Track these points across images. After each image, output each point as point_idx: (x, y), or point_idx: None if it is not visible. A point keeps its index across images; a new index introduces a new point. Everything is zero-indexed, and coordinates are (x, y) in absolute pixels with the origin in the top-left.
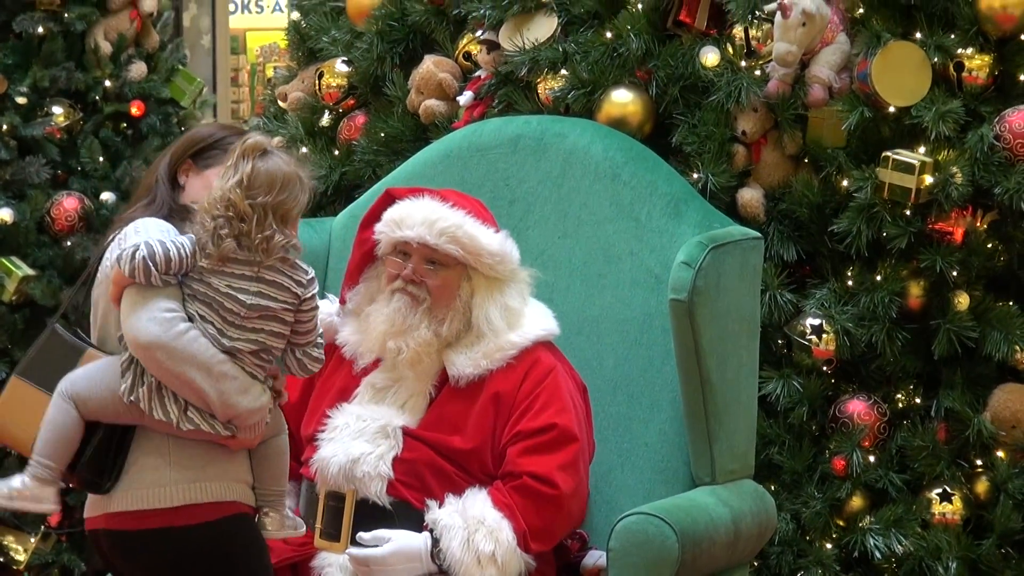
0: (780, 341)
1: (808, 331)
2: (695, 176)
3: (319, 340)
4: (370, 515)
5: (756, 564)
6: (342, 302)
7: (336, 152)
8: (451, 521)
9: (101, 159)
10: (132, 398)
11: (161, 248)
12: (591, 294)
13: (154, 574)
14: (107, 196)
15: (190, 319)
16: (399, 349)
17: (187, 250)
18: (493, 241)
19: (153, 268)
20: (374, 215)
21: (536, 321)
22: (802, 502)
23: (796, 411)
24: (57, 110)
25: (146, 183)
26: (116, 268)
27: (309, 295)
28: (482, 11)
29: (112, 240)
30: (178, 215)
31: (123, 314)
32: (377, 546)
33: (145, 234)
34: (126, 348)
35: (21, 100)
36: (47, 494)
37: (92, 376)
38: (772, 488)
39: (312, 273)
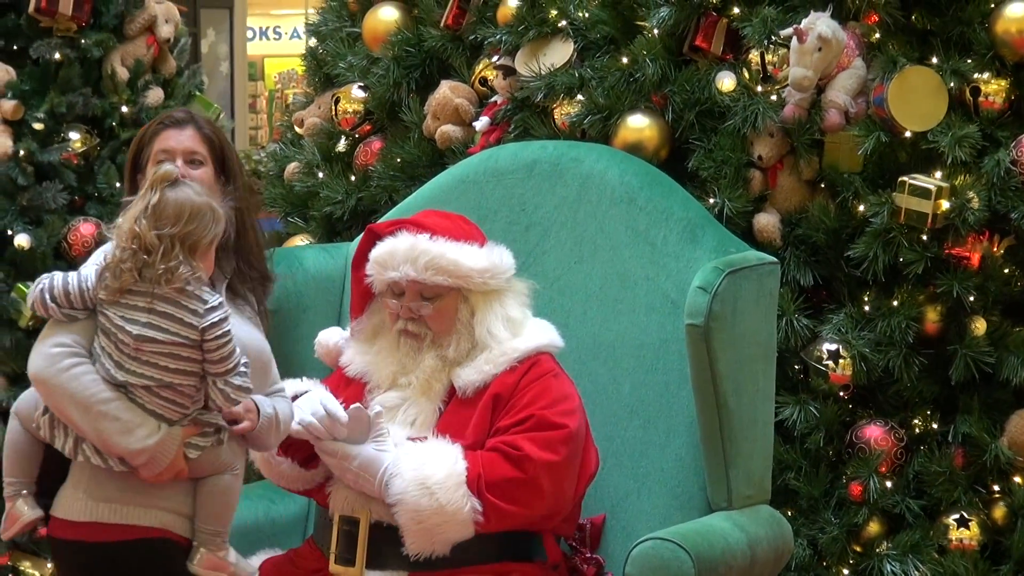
0: (797, 366)
1: (825, 356)
2: (711, 201)
3: (242, 368)
4: (384, 537)
5: None
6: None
7: (352, 177)
8: (414, 449)
9: (118, 184)
10: (34, 425)
11: (61, 282)
12: (607, 319)
13: None
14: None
15: (93, 352)
16: (410, 382)
17: (88, 283)
18: (479, 259)
19: (50, 302)
20: (362, 254)
21: (540, 331)
22: (819, 527)
23: (813, 436)
24: (74, 136)
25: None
26: None
27: (209, 323)
28: (498, 37)
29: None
30: None
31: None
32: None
33: (94, 260)
34: None
35: (38, 126)
36: (20, 507)
37: (27, 397)
38: (789, 513)
39: (214, 300)
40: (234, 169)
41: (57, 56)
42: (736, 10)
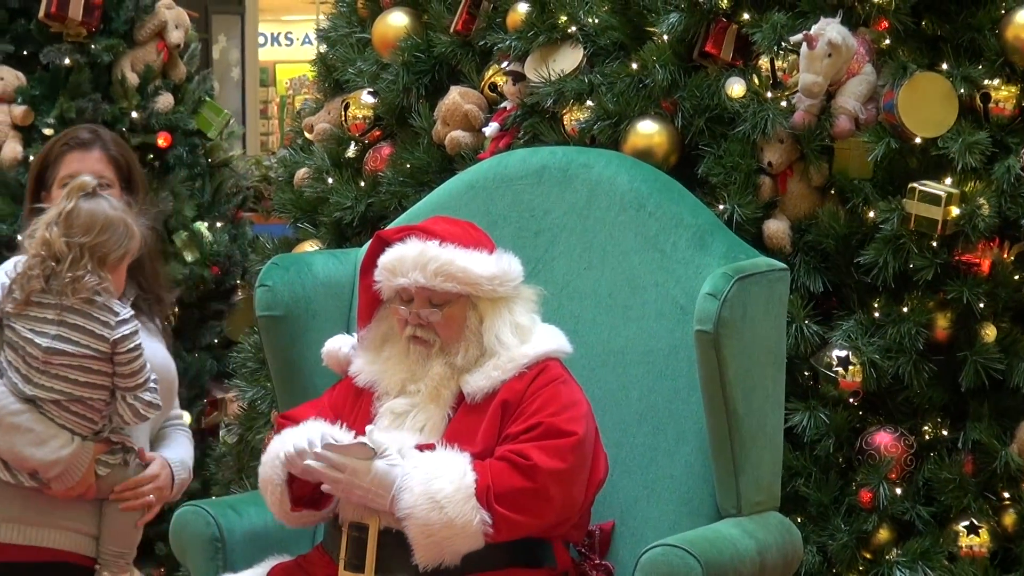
0: (806, 373)
1: (834, 363)
2: (721, 207)
3: (151, 384)
4: (394, 543)
5: None
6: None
7: (362, 183)
8: (423, 462)
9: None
10: None
11: None
12: (616, 325)
13: None
14: None
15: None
16: (419, 389)
17: None
18: (488, 266)
19: None
20: (370, 260)
21: (548, 338)
22: (828, 534)
23: (822, 443)
24: None
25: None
26: None
27: (120, 336)
28: (508, 42)
29: None
30: None
31: None
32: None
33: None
34: None
35: (48, 131)
36: None
37: None
38: (798, 520)
39: (125, 313)
40: (138, 185)
41: (67, 61)
42: (746, 16)
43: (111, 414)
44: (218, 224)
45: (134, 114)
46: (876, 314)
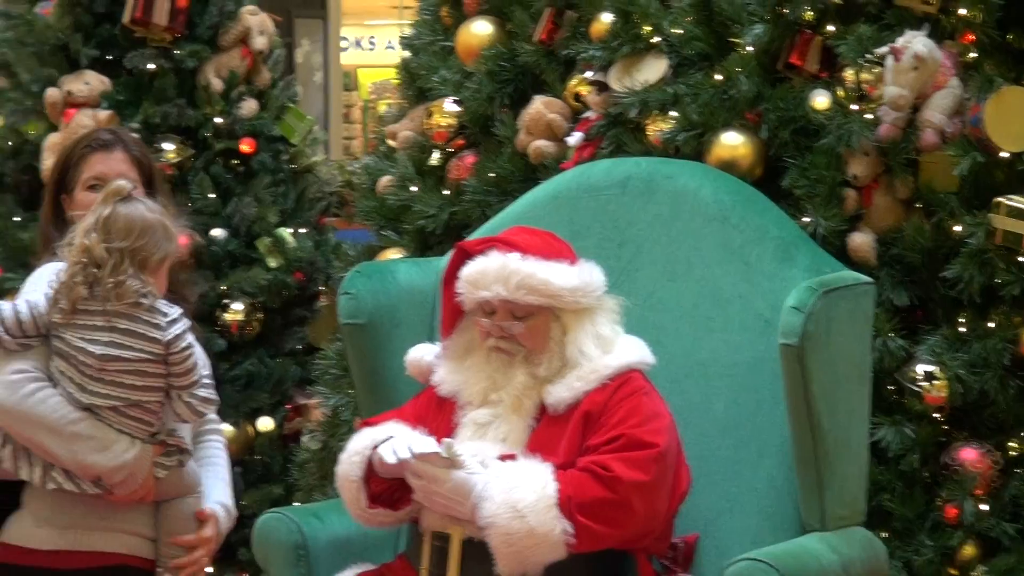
0: (891, 387)
1: (920, 377)
2: (805, 220)
3: (205, 380)
4: (476, 554)
5: None
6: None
7: (445, 192)
8: (505, 471)
9: (211, 196)
10: None
11: (10, 312)
12: (700, 337)
13: None
14: (217, 233)
15: (52, 377)
16: (501, 399)
17: (39, 308)
18: (570, 278)
19: (3, 334)
20: (452, 271)
21: (631, 349)
22: (913, 550)
23: (907, 458)
24: (168, 147)
25: (40, 234)
26: None
27: (173, 336)
28: (592, 52)
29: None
30: None
31: None
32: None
33: (39, 285)
34: None
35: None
36: None
37: None
38: (883, 535)
39: (174, 313)
40: (158, 187)
41: (151, 66)
42: (831, 28)
43: (167, 414)
44: (301, 230)
45: (218, 120)
46: (962, 329)
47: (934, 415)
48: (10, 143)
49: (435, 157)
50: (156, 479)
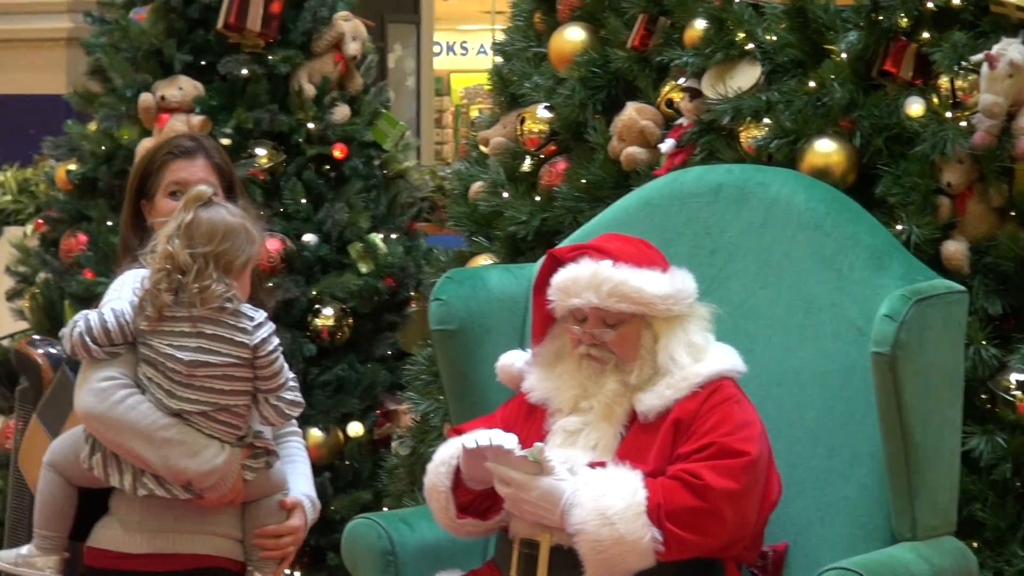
0: (984, 396)
1: (1013, 386)
2: (899, 228)
3: (292, 383)
4: (565, 561)
5: None
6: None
7: (537, 198)
8: (594, 478)
9: (303, 201)
10: (88, 465)
11: (98, 321)
12: (792, 346)
13: None
14: (309, 238)
15: (140, 384)
16: (591, 406)
17: (125, 317)
18: (662, 285)
19: (92, 343)
20: (543, 278)
21: (722, 357)
22: (1005, 560)
23: (1000, 467)
24: (260, 152)
25: (120, 240)
26: None
27: (260, 340)
28: (685, 59)
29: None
30: None
31: (75, 384)
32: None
33: (124, 292)
34: None
35: (225, 141)
36: (47, 563)
37: (65, 444)
38: (974, 545)
39: (260, 317)
40: (239, 192)
41: (245, 72)
42: (926, 35)
43: (255, 417)
44: (392, 236)
45: (311, 125)
46: None
47: None
48: (103, 148)
49: (527, 163)
50: (244, 481)
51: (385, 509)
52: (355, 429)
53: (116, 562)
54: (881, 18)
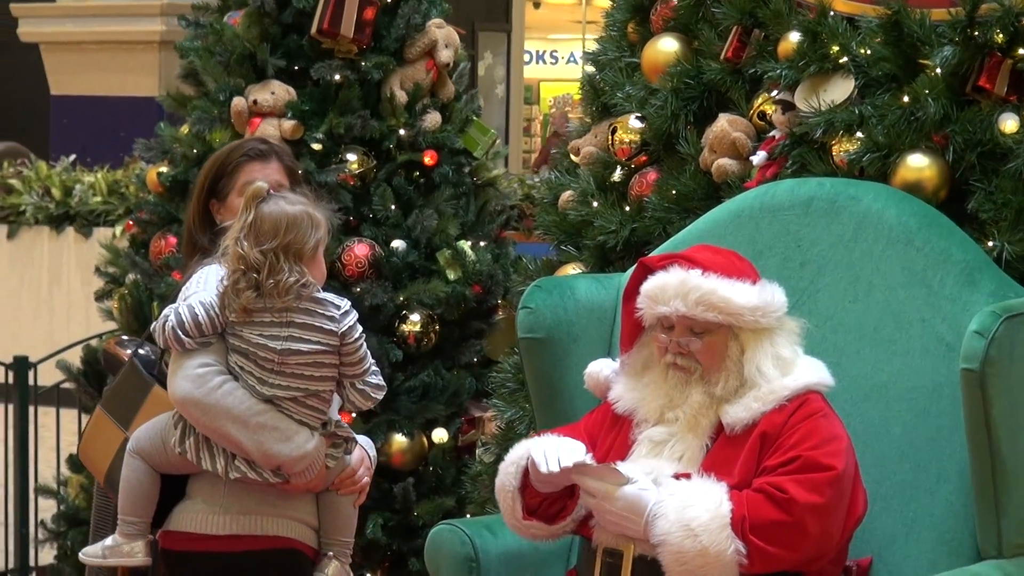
0: None
1: None
2: (990, 244)
3: (374, 367)
4: (647, 572)
5: None
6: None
7: (627, 208)
8: (679, 489)
9: (393, 207)
10: (180, 450)
11: (189, 314)
12: (880, 360)
13: None
14: (398, 244)
15: (231, 371)
16: (677, 417)
17: (215, 309)
18: (750, 297)
19: (184, 336)
20: (633, 287)
21: (810, 370)
22: None
23: None
24: (351, 157)
25: (186, 238)
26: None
27: (347, 327)
28: (778, 71)
29: (179, 290)
30: None
31: (168, 372)
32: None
33: (206, 286)
34: None
35: (316, 146)
36: (136, 548)
37: (150, 432)
38: None
39: (345, 305)
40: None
41: (337, 77)
42: (1021, 51)
43: (335, 406)
44: (481, 243)
45: (402, 131)
46: None
47: None
48: (195, 151)
49: (617, 173)
50: (326, 468)
51: (468, 516)
52: (440, 435)
53: (199, 543)
54: (977, 34)
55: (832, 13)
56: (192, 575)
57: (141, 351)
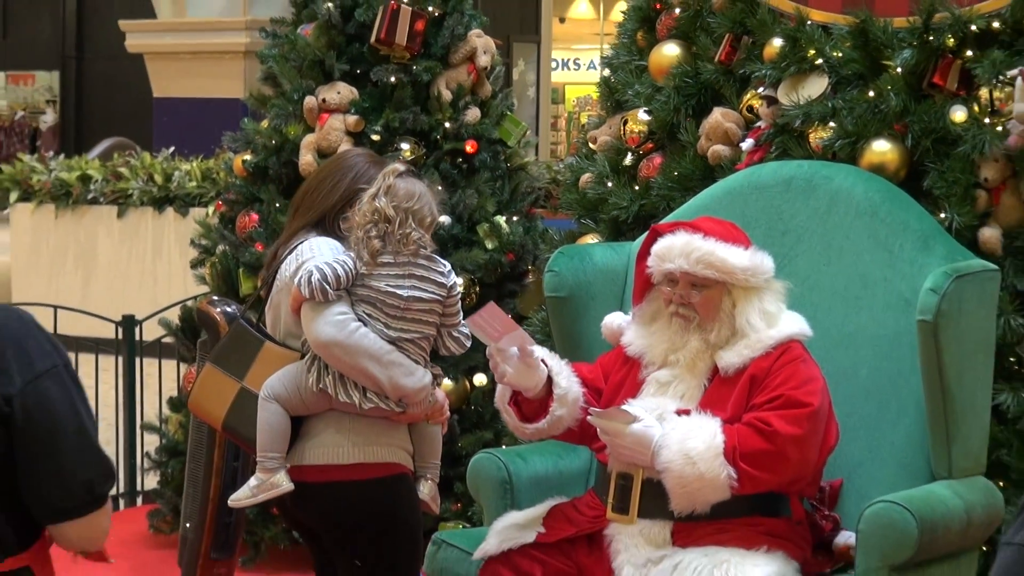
0: (1012, 359)
1: None
2: (942, 216)
3: (463, 322)
4: (654, 492)
5: (984, 549)
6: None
7: (636, 187)
8: (679, 424)
9: (440, 188)
10: (320, 386)
11: (330, 270)
12: (849, 314)
13: (329, 520)
14: (444, 219)
15: (359, 319)
16: (678, 360)
17: (349, 266)
18: (743, 258)
19: (328, 288)
20: (645, 249)
21: (792, 323)
22: None
23: None
24: (405, 146)
25: (316, 210)
26: (295, 287)
27: (452, 282)
28: (763, 71)
29: (290, 254)
30: (342, 239)
31: (304, 321)
32: (628, 421)
33: (319, 252)
34: (309, 348)
35: (375, 137)
36: (280, 479)
37: (283, 379)
38: (1000, 484)
39: (447, 267)
40: None
41: (392, 79)
42: (969, 53)
43: (439, 347)
44: (514, 218)
45: (447, 125)
46: None
47: None
48: (273, 142)
49: (628, 158)
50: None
51: (504, 446)
52: (480, 379)
53: (329, 474)
54: (931, 38)
55: (809, 22)
56: (329, 501)
57: (228, 308)
